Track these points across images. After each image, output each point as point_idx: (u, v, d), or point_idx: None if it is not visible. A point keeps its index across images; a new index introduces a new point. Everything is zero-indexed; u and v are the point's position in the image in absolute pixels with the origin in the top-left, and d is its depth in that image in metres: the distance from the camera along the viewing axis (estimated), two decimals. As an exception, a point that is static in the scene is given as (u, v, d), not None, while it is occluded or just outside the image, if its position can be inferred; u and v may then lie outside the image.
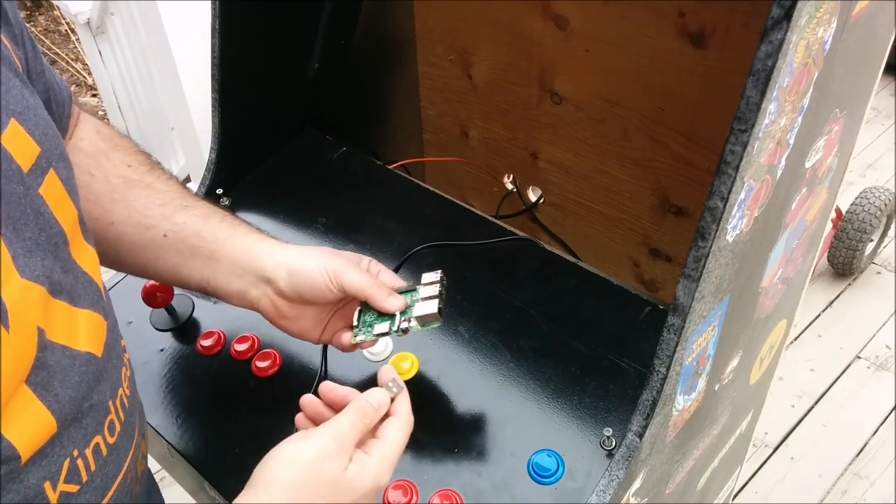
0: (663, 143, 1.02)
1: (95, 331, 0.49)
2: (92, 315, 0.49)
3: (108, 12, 2.18)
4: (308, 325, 0.71)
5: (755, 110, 0.49)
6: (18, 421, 0.41)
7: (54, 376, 0.44)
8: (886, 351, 2.04)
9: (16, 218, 0.42)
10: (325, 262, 0.67)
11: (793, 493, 1.73)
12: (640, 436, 0.66)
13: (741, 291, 0.69)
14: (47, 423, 0.44)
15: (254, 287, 0.68)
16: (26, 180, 0.43)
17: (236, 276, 0.68)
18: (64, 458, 0.45)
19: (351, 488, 0.53)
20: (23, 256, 0.42)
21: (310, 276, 0.66)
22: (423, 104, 1.33)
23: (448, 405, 0.75)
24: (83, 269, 0.49)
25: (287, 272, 0.67)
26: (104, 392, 0.49)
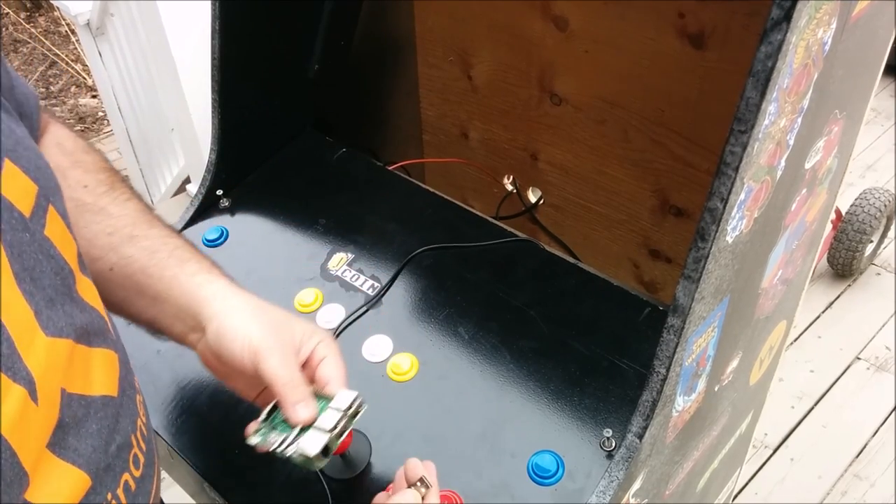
0: (663, 144, 1.02)
1: (109, 369, 0.47)
2: (105, 353, 0.47)
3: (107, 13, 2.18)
4: (241, 386, 0.65)
5: (755, 111, 0.49)
6: (47, 487, 0.39)
7: (68, 433, 0.42)
8: (886, 352, 2.04)
9: (31, 268, 0.40)
10: (255, 333, 0.59)
11: (793, 493, 1.73)
12: (640, 437, 0.66)
13: (741, 292, 0.69)
14: (79, 479, 0.42)
15: (192, 332, 0.63)
16: (30, 226, 0.41)
17: (178, 319, 0.62)
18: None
19: None
20: (46, 310, 0.40)
21: (230, 345, 0.59)
22: (423, 105, 1.33)
23: (448, 406, 0.74)
24: (90, 304, 0.47)
25: (214, 330, 0.60)
26: (126, 429, 0.47)
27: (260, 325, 0.60)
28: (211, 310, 0.61)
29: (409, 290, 0.86)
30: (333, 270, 0.89)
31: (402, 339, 0.81)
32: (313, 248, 0.92)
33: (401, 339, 0.81)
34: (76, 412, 0.42)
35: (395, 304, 0.85)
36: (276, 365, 0.58)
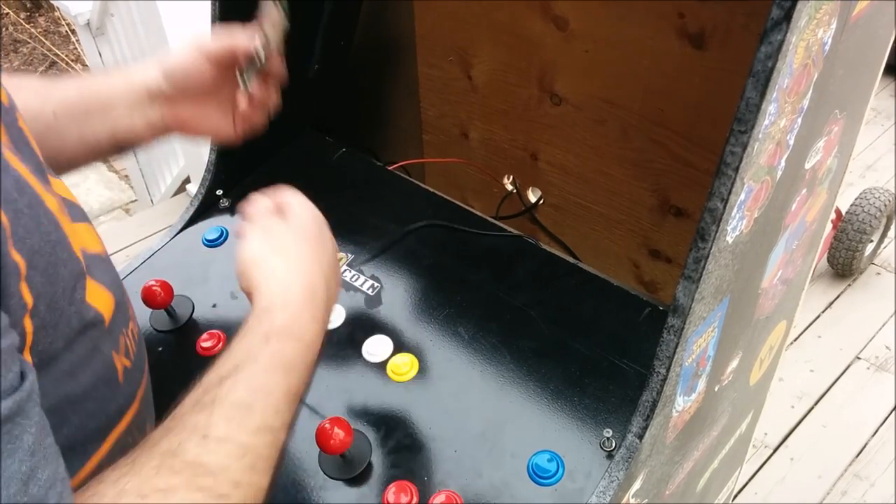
0: (663, 144, 1.02)
1: (96, 237, 0.53)
2: (86, 226, 0.52)
3: (107, 13, 2.18)
4: (216, 121, 0.74)
5: (755, 111, 0.49)
6: (93, 294, 0.47)
7: (89, 266, 0.48)
8: (886, 352, 2.04)
9: (17, 143, 0.45)
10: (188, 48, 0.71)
11: (793, 493, 1.73)
12: (640, 437, 0.66)
13: (741, 292, 0.69)
14: (109, 298, 0.49)
15: (149, 109, 0.70)
16: (10, 114, 0.47)
17: (132, 109, 0.69)
18: (119, 333, 0.51)
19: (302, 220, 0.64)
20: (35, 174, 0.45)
21: (179, 64, 0.70)
22: (423, 105, 1.33)
23: (448, 405, 0.74)
24: (61, 195, 0.52)
25: (162, 74, 0.70)
26: (120, 287, 0.53)
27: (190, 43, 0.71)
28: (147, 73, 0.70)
29: (408, 291, 0.86)
30: None
31: (402, 339, 0.81)
32: (313, 249, 0.92)
33: (401, 339, 0.81)
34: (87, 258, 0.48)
35: (395, 304, 0.85)
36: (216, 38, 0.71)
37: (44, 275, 0.40)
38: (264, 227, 0.63)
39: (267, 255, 0.60)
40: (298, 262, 0.60)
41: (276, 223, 0.63)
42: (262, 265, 0.59)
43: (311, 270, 0.60)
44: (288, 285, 0.58)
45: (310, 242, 0.62)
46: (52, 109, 0.67)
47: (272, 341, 0.54)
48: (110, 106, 0.69)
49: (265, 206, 0.65)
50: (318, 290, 0.59)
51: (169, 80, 0.70)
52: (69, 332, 0.44)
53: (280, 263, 0.59)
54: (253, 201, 0.66)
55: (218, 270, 0.91)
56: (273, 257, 0.60)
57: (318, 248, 0.63)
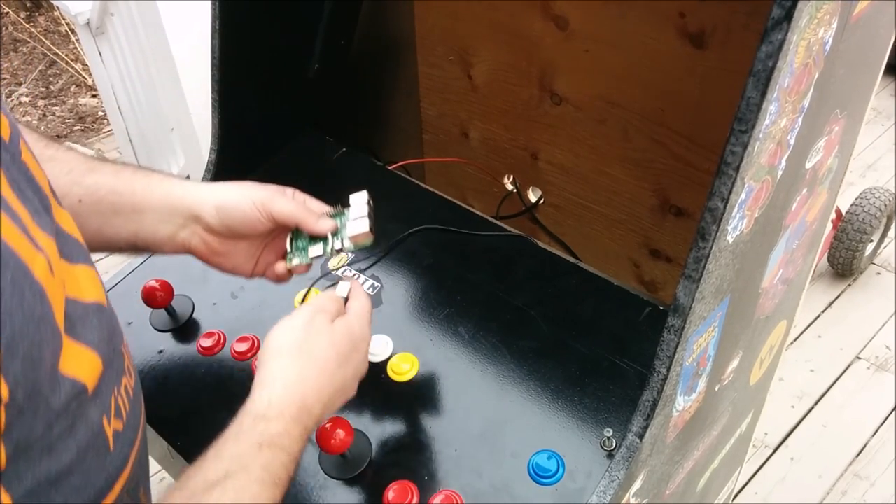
0: (663, 143, 1.02)
1: (94, 283, 0.51)
2: (87, 269, 0.50)
3: (107, 13, 2.18)
4: (240, 261, 0.72)
5: (756, 111, 0.49)
6: (73, 360, 0.43)
7: (76, 323, 0.45)
8: (886, 351, 2.04)
9: (17, 181, 0.43)
10: (252, 193, 0.69)
11: (793, 493, 1.73)
12: (641, 436, 0.65)
13: (741, 292, 0.69)
14: (94, 360, 0.46)
15: (182, 228, 0.69)
16: (10, 149, 0.44)
17: (163, 222, 0.68)
18: (110, 395, 0.48)
19: (345, 334, 0.63)
20: (35, 215, 0.43)
21: (238, 207, 0.68)
22: (423, 105, 1.33)
23: (448, 406, 0.74)
24: (67, 231, 0.50)
25: (215, 207, 0.68)
26: (117, 339, 0.51)
27: (251, 187, 0.70)
28: (199, 197, 0.68)
29: (409, 290, 0.86)
30: (334, 270, 0.89)
31: (402, 339, 0.81)
32: (313, 248, 0.92)
33: (401, 339, 0.81)
34: (76, 310, 0.45)
35: (395, 304, 0.85)
36: (285, 203, 0.69)
37: (24, 361, 0.37)
38: (308, 321, 0.63)
39: (289, 353, 0.60)
40: (313, 375, 0.60)
41: (321, 325, 0.63)
42: (279, 361, 0.60)
43: (320, 387, 0.60)
44: (291, 395, 0.58)
45: (338, 357, 0.62)
46: (80, 196, 0.65)
47: (265, 451, 0.54)
48: (140, 211, 0.67)
49: (329, 302, 0.66)
50: (316, 408, 0.59)
51: (221, 220, 0.68)
52: (49, 414, 0.40)
53: (294, 369, 0.59)
54: (326, 295, 0.67)
55: (218, 270, 0.91)
56: (293, 359, 0.60)
57: (342, 366, 0.63)
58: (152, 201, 0.68)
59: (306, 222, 0.70)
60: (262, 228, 0.69)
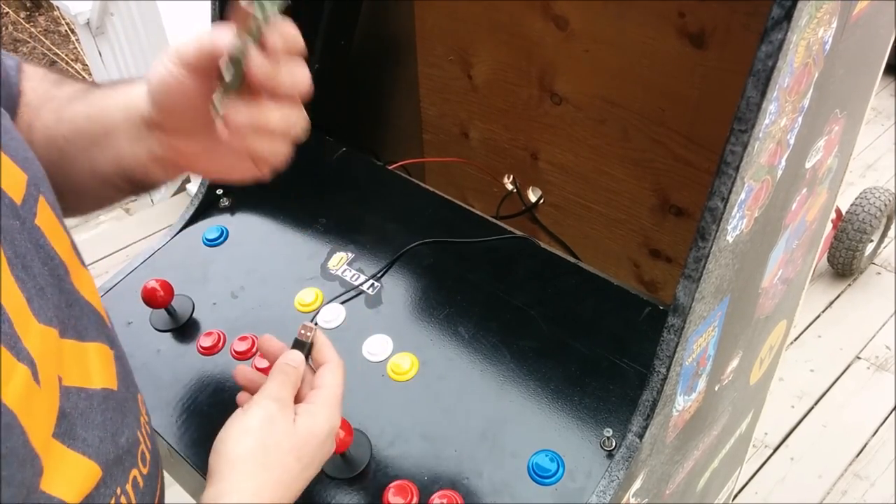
0: (663, 143, 1.02)
1: (106, 363, 0.47)
2: (99, 347, 0.47)
3: (107, 13, 2.18)
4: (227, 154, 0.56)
5: (755, 110, 0.49)
6: (59, 474, 0.39)
7: (76, 423, 0.42)
8: (886, 351, 2.04)
9: (22, 256, 0.39)
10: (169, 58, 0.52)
11: (793, 493, 1.73)
12: (641, 436, 0.65)
13: (741, 292, 0.69)
14: (90, 469, 0.42)
15: (152, 140, 0.56)
16: (21, 214, 0.41)
17: (134, 138, 0.56)
18: (109, 498, 0.44)
19: (309, 437, 0.57)
20: (36, 298, 0.40)
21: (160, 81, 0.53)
22: (423, 104, 1.33)
23: (448, 405, 0.74)
24: (85, 299, 0.47)
25: (147, 94, 0.55)
26: (131, 424, 0.48)
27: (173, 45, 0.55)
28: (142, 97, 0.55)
29: (409, 290, 0.86)
30: (334, 270, 0.89)
31: (402, 339, 0.81)
32: (313, 248, 0.92)
33: (401, 339, 0.81)
34: (77, 403, 0.42)
35: (395, 304, 0.85)
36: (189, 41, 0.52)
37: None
38: (266, 422, 0.56)
39: (244, 464, 0.54)
40: (269, 488, 0.54)
41: (282, 426, 0.56)
42: (234, 475, 0.54)
43: (279, 497, 0.55)
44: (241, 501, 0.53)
45: (300, 462, 0.56)
46: (65, 133, 0.57)
47: None
48: (112, 134, 0.57)
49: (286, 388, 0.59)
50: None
51: (152, 101, 0.54)
52: None
53: (250, 486, 0.53)
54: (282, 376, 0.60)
55: (218, 270, 0.91)
56: (248, 473, 0.54)
57: (306, 468, 0.57)
58: (116, 116, 0.56)
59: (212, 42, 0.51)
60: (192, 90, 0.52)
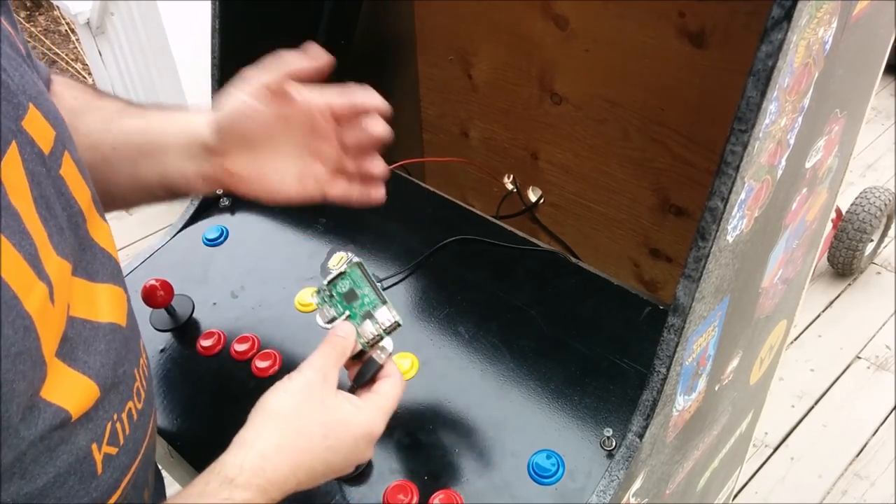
0: (663, 143, 1.02)
1: (118, 303, 0.50)
2: (112, 288, 0.50)
3: (108, 12, 2.18)
4: (279, 177, 0.64)
5: (756, 110, 0.49)
6: (60, 387, 0.42)
7: (77, 347, 0.45)
8: (886, 351, 2.04)
9: (46, 198, 0.43)
10: (243, 87, 0.62)
11: (793, 493, 1.73)
12: (641, 436, 0.65)
13: (741, 292, 0.69)
14: (89, 387, 0.45)
15: (205, 161, 0.63)
16: (48, 163, 0.44)
17: (185, 158, 0.63)
18: (106, 421, 0.47)
19: (343, 423, 0.57)
20: (56, 235, 0.43)
21: (230, 106, 0.62)
22: (423, 104, 1.33)
23: (448, 405, 0.74)
24: (100, 246, 0.50)
25: (213, 125, 0.62)
26: (132, 360, 0.51)
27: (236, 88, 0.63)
28: (207, 123, 0.63)
29: (408, 290, 0.86)
30: (334, 269, 0.89)
31: (402, 338, 0.81)
32: (313, 247, 0.92)
33: (401, 338, 0.81)
34: (80, 331, 0.45)
35: (395, 304, 0.85)
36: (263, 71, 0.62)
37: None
38: (306, 387, 0.56)
39: (275, 418, 0.55)
40: (291, 449, 0.55)
41: (319, 396, 0.56)
42: (264, 426, 0.55)
43: (297, 463, 0.55)
44: (264, 465, 0.53)
45: (326, 439, 0.56)
46: (112, 143, 0.63)
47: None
48: (163, 150, 0.63)
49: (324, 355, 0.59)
50: (289, 483, 0.55)
51: (219, 128, 0.62)
52: (20, 443, 0.40)
53: (275, 438, 0.54)
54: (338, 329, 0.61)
55: (218, 269, 0.91)
56: (277, 427, 0.55)
57: (331, 449, 0.57)
58: (171, 136, 0.63)
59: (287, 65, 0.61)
60: (268, 115, 0.61)
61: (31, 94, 0.44)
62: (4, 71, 0.43)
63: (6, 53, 0.44)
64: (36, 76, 0.48)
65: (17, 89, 0.43)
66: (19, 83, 0.44)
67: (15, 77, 0.43)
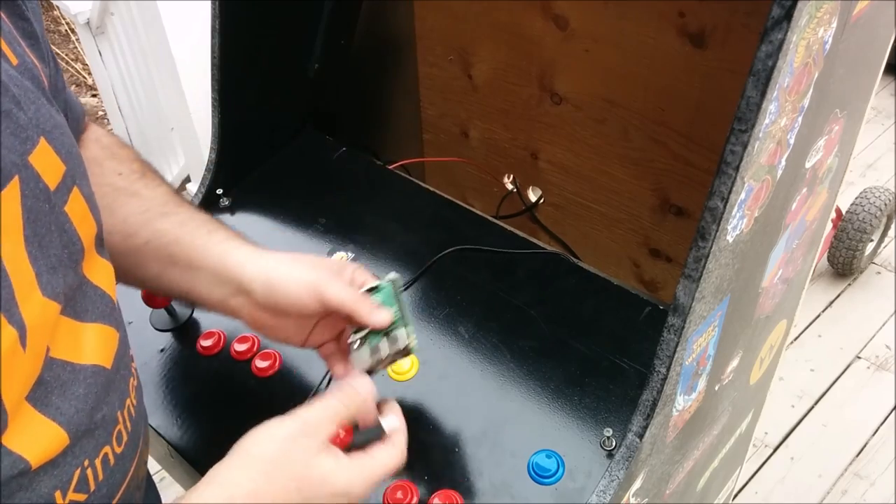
0: (663, 143, 1.02)
1: (105, 343, 0.49)
2: (102, 328, 0.49)
3: (108, 12, 2.18)
4: (290, 334, 0.68)
5: (755, 110, 0.49)
6: (24, 434, 0.41)
7: (52, 392, 0.44)
8: (886, 351, 2.04)
9: (42, 235, 0.43)
10: (305, 274, 0.64)
11: (793, 493, 1.73)
12: (641, 436, 0.65)
13: (741, 292, 0.69)
14: (57, 435, 0.44)
15: (233, 297, 0.66)
16: (52, 199, 0.44)
17: (215, 285, 0.66)
18: (75, 468, 0.46)
19: (322, 479, 0.54)
20: (46, 274, 0.43)
21: (286, 289, 0.63)
22: (423, 104, 1.33)
23: (448, 405, 0.74)
24: (94, 283, 0.49)
25: (263, 284, 0.64)
26: (113, 403, 0.50)
27: (305, 267, 0.65)
28: (250, 270, 0.65)
29: (408, 290, 0.86)
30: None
31: (402, 338, 0.80)
32: (313, 248, 0.92)
33: (401, 338, 0.81)
34: (60, 375, 0.44)
35: (396, 304, 0.85)
36: (338, 289, 0.63)
37: None
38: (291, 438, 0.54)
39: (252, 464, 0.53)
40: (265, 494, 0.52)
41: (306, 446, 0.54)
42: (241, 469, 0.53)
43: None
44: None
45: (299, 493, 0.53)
46: (147, 239, 0.65)
47: None
48: (196, 269, 0.65)
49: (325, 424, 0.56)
50: None
51: (269, 298, 0.64)
52: None
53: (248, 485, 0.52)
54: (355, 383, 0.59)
55: (218, 270, 0.91)
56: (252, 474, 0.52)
57: None
58: (207, 262, 0.66)
59: (359, 313, 0.63)
60: (311, 311, 0.64)
61: (44, 127, 0.44)
62: (17, 104, 0.42)
63: (25, 86, 0.44)
64: (56, 111, 0.47)
65: (28, 123, 0.43)
66: (32, 117, 0.43)
67: (29, 111, 0.43)
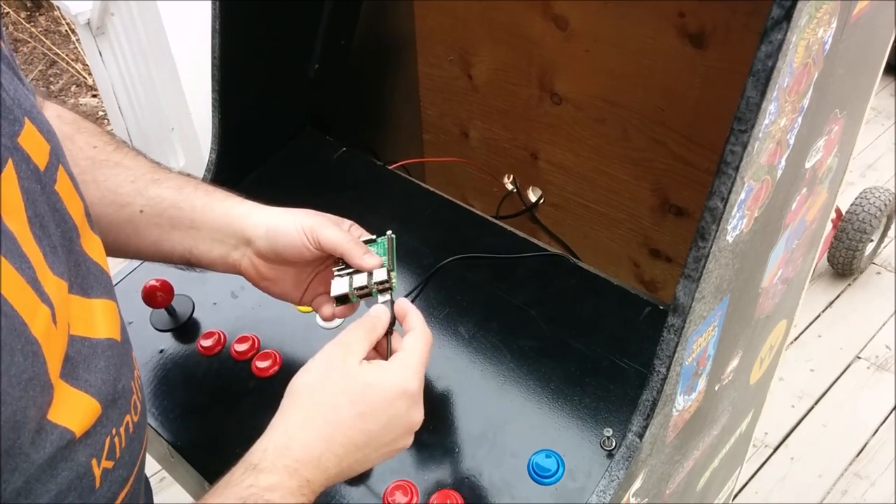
0: (663, 143, 1.02)
1: (112, 317, 0.50)
2: (106, 303, 0.50)
3: (108, 13, 2.18)
4: (288, 287, 0.71)
5: (755, 111, 0.49)
6: (65, 407, 0.43)
7: (78, 366, 0.45)
8: (886, 351, 2.04)
9: (41, 216, 0.43)
10: (303, 219, 0.68)
11: (793, 493, 1.73)
12: (641, 436, 0.66)
13: (741, 292, 0.69)
14: (91, 405, 0.45)
15: (234, 250, 0.69)
16: (43, 179, 0.44)
17: (217, 241, 0.68)
18: (105, 436, 0.47)
19: (368, 386, 0.56)
20: (50, 254, 0.43)
21: (286, 234, 0.67)
22: (423, 104, 1.33)
23: (448, 405, 0.75)
24: (93, 259, 0.50)
25: (265, 231, 0.67)
26: (127, 374, 0.51)
27: (303, 214, 0.68)
28: (252, 221, 0.68)
29: (408, 289, 0.86)
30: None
31: (402, 338, 0.81)
32: (313, 248, 0.92)
33: (401, 338, 0.81)
34: (80, 350, 0.45)
35: (396, 304, 0.85)
36: (333, 232, 0.67)
37: (5, 425, 0.37)
38: (327, 361, 0.57)
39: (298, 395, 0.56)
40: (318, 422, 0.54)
41: (342, 367, 0.57)
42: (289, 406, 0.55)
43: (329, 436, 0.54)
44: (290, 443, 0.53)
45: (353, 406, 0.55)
46: (142, 207, 0.66)
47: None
48: (197, 228, 0.68)
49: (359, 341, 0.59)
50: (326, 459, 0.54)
51: (270, 244, 0.67)
52: (30, 468, 0.40)
53: (299, 414, 0.54)
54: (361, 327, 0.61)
55: (218, 270, 0.91)
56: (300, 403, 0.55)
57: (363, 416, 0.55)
58: (209, 219, 0.68)
59: (351, 254, 0.67)
60: (308, 255, 0.68)
61: (25, 108, 0.44)
62: (2, 87, 0.42)
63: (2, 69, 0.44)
64: (28, 92, 0.47)
65: (13, 104, 0.42)
66: (14, 97, 0.43)
67: (10, 90, 0.43)
